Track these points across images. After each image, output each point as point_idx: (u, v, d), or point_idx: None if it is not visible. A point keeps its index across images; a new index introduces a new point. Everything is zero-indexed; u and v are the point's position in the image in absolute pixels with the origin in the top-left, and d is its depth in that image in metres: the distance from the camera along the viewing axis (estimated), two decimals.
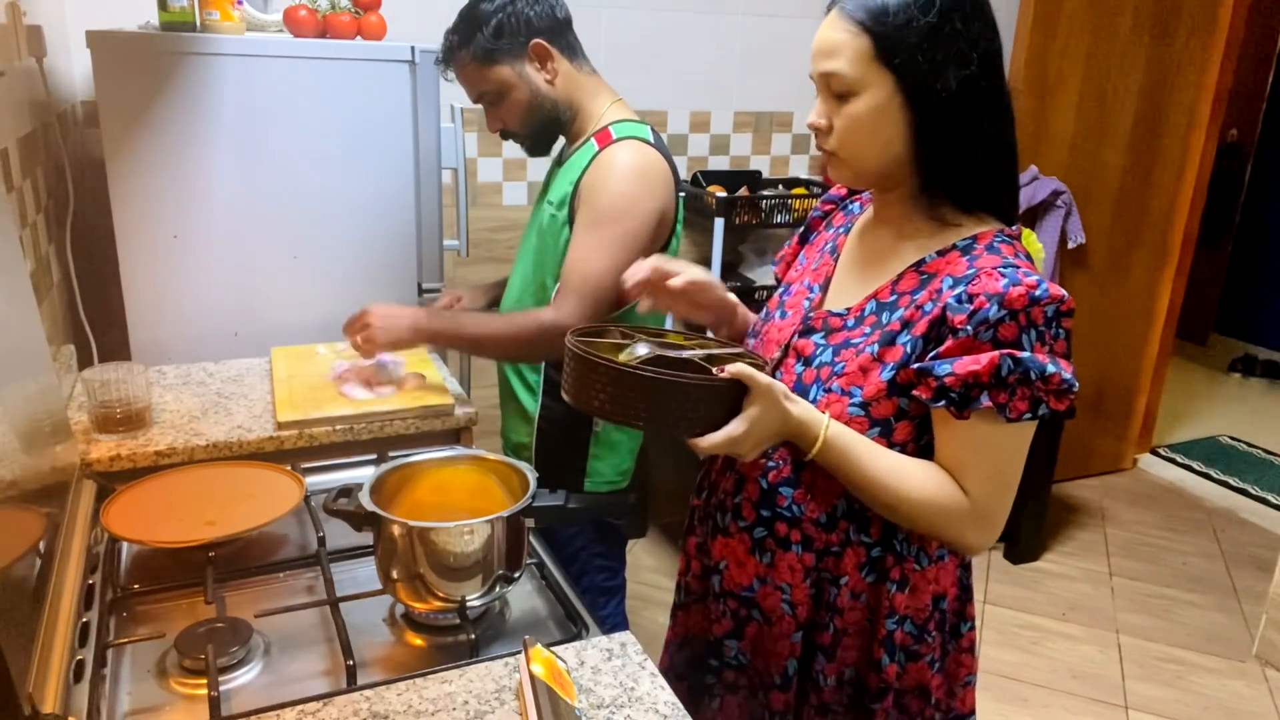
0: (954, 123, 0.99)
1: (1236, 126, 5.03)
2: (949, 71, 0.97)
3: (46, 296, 1.73)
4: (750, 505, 1.13)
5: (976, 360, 0.95)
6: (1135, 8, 3.20)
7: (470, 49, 1.56)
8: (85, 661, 0.99)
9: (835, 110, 1.02)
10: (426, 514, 1.08)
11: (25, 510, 1.02)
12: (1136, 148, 3.40)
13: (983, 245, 1.03)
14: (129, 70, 1.72)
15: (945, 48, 0.97)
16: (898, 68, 0.97)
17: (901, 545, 1.08)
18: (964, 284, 0.98)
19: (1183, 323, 3.84)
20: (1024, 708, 2.44)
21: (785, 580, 1.12)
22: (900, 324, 1.03)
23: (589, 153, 1.57)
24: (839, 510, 1.08)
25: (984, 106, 1.00)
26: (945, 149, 1.01)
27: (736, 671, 1.19)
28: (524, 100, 1.59)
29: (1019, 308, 0.95)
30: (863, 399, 1.03)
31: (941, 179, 1.03)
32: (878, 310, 1.07)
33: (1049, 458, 3.05)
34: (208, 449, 1.47)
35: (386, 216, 1.98)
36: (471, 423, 1.63)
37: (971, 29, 0.98)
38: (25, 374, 1.14)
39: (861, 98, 0.99)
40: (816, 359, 1.08)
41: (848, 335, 1.07)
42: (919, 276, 1.05)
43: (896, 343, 1.03)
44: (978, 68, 0.98)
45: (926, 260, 1.05)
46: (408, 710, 0.93)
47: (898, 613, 1.09)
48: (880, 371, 1.03)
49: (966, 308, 0.97)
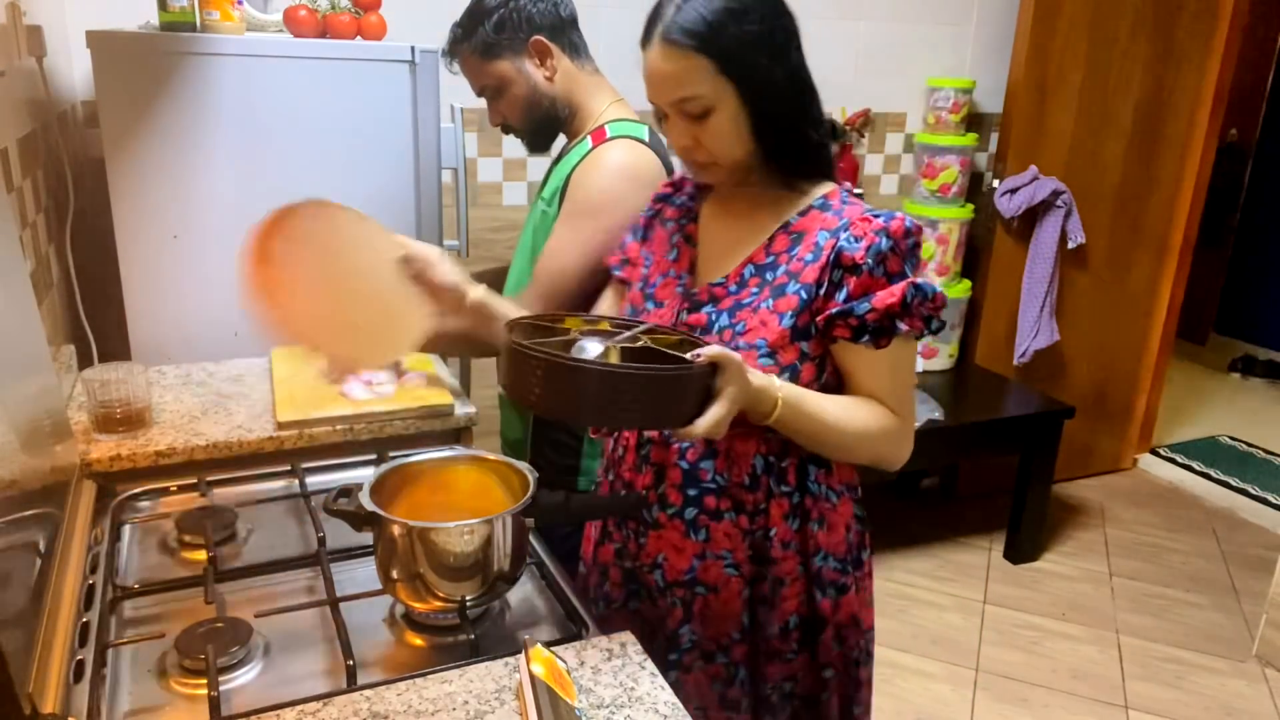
0: (790, 111, 1.12)
1: (1236, 126, 5.03)
2: (776, 69, 1.09)
3: (46, 296, 1.73)
4: (675, 489, 1.20)
5: (891, 293, 1.08)
6: (1135, 8, 3.20)
7: (472, 42, 1.58)
8: (85, 661, 0.99)
9: (698, 129, 1.11)
10: (426, 514, 1.08)
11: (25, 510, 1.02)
12: (1136, 148, 3.40)
13: (836, 200, 1.16)
14: (129, 70, 1.72)
15: (768, 46, 1.08)
16: (738, 77, 1.07)
17: (814, 485, 1.19)
18: (843, 230, 1.11)
19: (1183, 323, 3.85)
20: (1024, 708, 2.44)
21: (724, 548, 1.19)
22: (787, 276, 1.13)
23: (583, 150, 1.58)
24: (758, 468, 1.17)
25: (808, 89, 1.13)
26: (785, 135, 1.13)
27: (690, 652, 1.24)
28: (522, 95, 1.60)
29: (900, 238, 1.10)
30: (768, 347, 1.12)
31: (782, 158, 1.15)
32: (758, 272, 1.16)
33: (1049, 458, 3.05)
34: (208, 449, 1.47)
35: (386, 216, 1.95)
36: (471, 423, 1.63)
37: (782, 22, 1.09)
38: (25, 374, 1.14)
39: (720, 111, 1.09)
40: (715, 326, 1.16)
41: (735, 299, 1.16)
42: (789, 236, 1.16)
43: (787, 293, 1.12)
44: (795, 54, 1.11)
45: (792, 222, 1.17)
46: (408, 710, 0.93)
47: (823, 549, 1.21)
48: (779, 320, 1.12)
49: (859, 245, 1.09)
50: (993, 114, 3.35)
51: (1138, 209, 3.49)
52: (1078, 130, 3.28)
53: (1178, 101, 3.42)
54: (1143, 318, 3.66)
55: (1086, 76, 3.22)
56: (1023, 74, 3.13)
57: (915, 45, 3.20)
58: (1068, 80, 3.20)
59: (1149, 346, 3.72)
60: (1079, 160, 3.31)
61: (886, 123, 3.26)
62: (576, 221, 1.52)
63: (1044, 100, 3.19)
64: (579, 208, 1.53)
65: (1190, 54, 3.37)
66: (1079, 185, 3.28)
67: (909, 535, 3.28)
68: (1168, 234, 3.59)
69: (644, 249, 1.32)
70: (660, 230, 1.30)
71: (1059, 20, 3.11)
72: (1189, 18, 3.31)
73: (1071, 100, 3.23)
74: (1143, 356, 3.73)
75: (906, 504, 3.51)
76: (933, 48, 3.23)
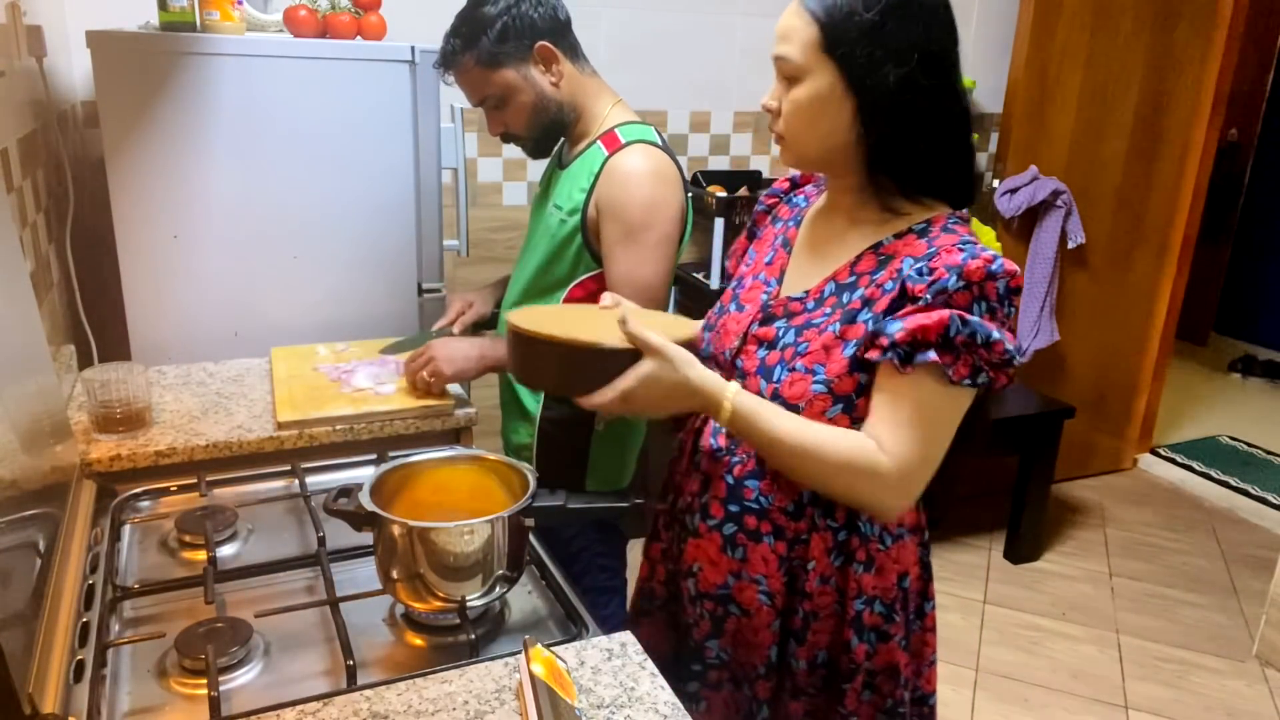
0: (894, 117, 1.03)
1: (1236, 126, 5.03)
2: (887, 68, 1.01)
3: (46, 296, 1.73)
4: (719, 503, 1.16)
5: (927, 316, 0.99)
6: (1135, 7, 3.20)
7: (474, 53, 1.53)
8: (85, 661, 0.99)
9: (784, 94, 1.07)
10: (426, 514, 1.08)
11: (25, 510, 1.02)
12: (1136, 147, 3.40)
13: (938, 227, 1.07)
14: (129, 70, 1.72)
15: (884, 45, 1.01)
16: (840, 58, 1.02)
17: (866, 526, 1.12)
18: (925, 260, 1.02)
19: (1183, 322, 3.84)
20: (1024, 708, 2.44)
21: (760, 572, 1.14)
22: (861, 302, 1.06)
23: (597, 157, 1.57)
24: (805, 497, 1.11)
25: (924, 104, 1.03)
26: (887, 141, 1.04)
27: (719, 670, 1.21)
28: (529, 103, 1.57)
29: (976, 280, 0.99)
30: (826, 376, 1.06)
31: (886, 169, 1.07)
32: (837, 291, 1.10)
33: (1049, 458, 3.04)
34: (208, 449, 1.47)
35: (386, 216, 1.98)
36: (471, 423, 1.63)
37: (912, 30, 1.01)
38: (25, 374, 1.14)
39: (805, 84, 1.04)
40: (780, 341, 1.11)
41: (809, 316, 1.11)
42: (877, 258, 1.08)
43: (857, 320, 1.06)
44: (918, 67, 1.01)
45: (884, 243, 1.09)
46: (408, 710, 0.93)
47: (865, 594, 1.12)
48: (843, 349, 1.05)
49: (926, 279, 1.00)
50: (993, 114, 3.35)
51: (1138, 209, 3.49)
52: (1078, 130, 3.28)
53: (1178, 101, 3.41)
54: (1143, 318, 3.66)
55: (1086, 76, 3.22)
56: (1023, 74, 3.13)
57: None
58: (1068, 80, 3.20)
59: (1149, 346, 3.72)
60: (1079, 160, 3.31)
61: None
62: (636, 238, 1.53)
63: (1044, 100, 3.19)
64: (632, 226, 1.53)
65: (1190, 54, 3.37)
66: (1079, 185, 3.27)
67: None
68: (1168, 234, 3.59)
69: (752, 246, 1.28)
70: (770, 230, 1.27)
71: (1059, 20, 3.11)
72: (1189, 18, 3.31)
73: (1071, 100, 3.23)
74: (1143, 356, 3.73)
75: None
76: None
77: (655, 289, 1.55)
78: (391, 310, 2.02)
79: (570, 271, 1.61)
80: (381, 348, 1.76)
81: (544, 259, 1.64)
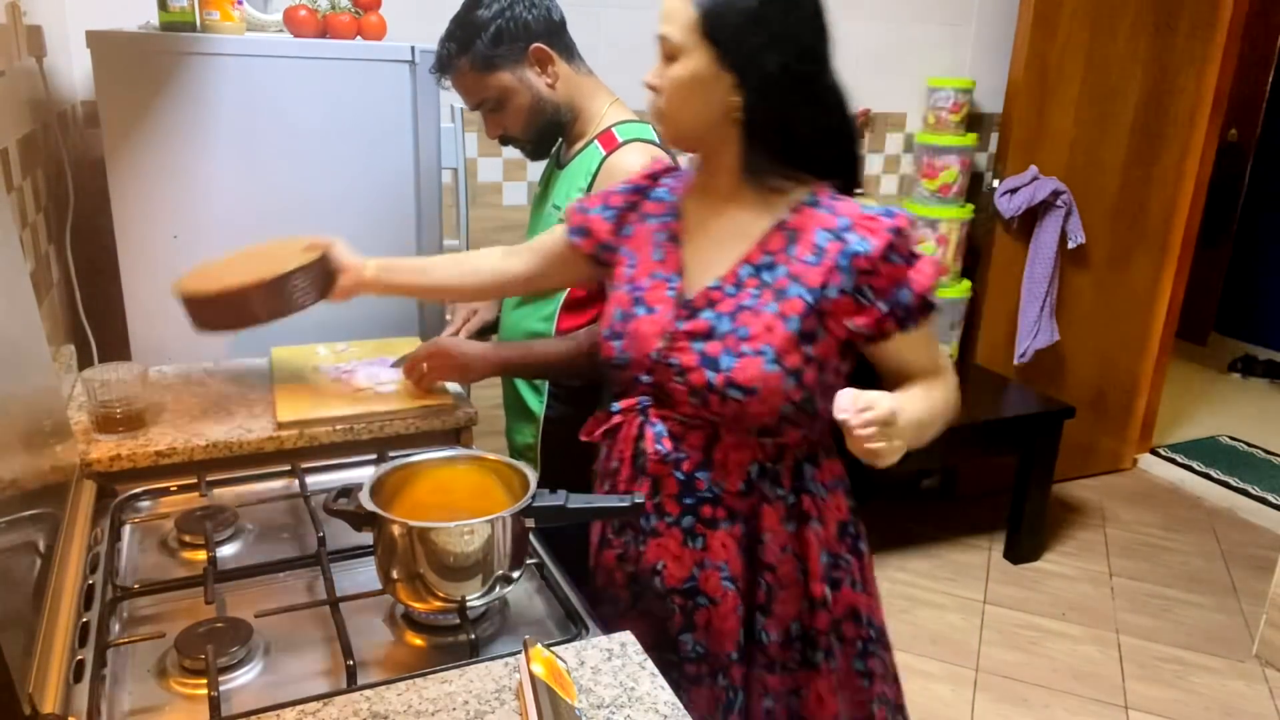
0: (774, 99, 1.09)
1: (1236, 126, 5.03)
2: (768, 55, 1.07)
3: (46, 296, 1.73)
4: (672, 500, 1.20)
5: (923, 274, 1.10)
6: (1135, 8, 3.20)
7: (469, 57, 1.53)
8: (85, 661, 0.99)
9: (663, 71, 1.13)
10: (426, 514, 1.07)
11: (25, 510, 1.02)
12: (1136, 148, 3.40)
13: (827, 198, 1.15)
14: (129, 70, 1.72)
15: (764, 33, 1.06)
16: (718, 43, 1.07)
17: (811, 485, 1.20)
18: (847, 230, 1.11)
19: (1183, 323, 3.84)
20: (1024, 708, 2.44)
21: (721, 559, 1.19)
22: (788, 279, 1.12)
23: (594, 156, 1.57)
24: (753, 473, 1.17)
25: (804, 91, 1.10)
26: (768, 122, 1.10)
27: (696, 662, 1.23)
28: (526, 105, 1.57)
29: (908, 232, 1.11)
30: (774, 354, 1.11)
31: (765, 147, 1.12)
32: (755, 272, 1.15)
33: (1049, 458, 3.04)
34: (207, 449, 1.47)
35: (386, 216, 1.97)
36: (471, 423, 1.63)
37: (789, 21, 1.07)
38: (25, 374, 1.14)
39: (682, 63, 1.10)
40: (717, 330, 1.14)
41: (736, 300, 1.14)
42: (784, 234, 1.15)
43: (789, 295, 1.12)
44: (794, 57, 1.08)
45: (787, 219, 1.15)
46: (408, 710, 0.93)
47: (824, 548, 1.21)
48: (784, 325, 1.11)
49: (873, 245, 1.09)
50: (993, 114, 3.35)
51: (1138, 209, 3.49)
52: (1078, 130, 3.28)
53: (1178, 101, 3.41)
54: (1143, 318, 3.66)
55: (1086, 76, 3.22)
56: (1023, 74, 3.13)
57: (915, 45, 3.20)
58: (1068, 80, 3.20)
59: (1149, 346, 3.72)
60: (1079, 160, 3.31)
61: (886, 123, 3.26)
62: None
63: (1044, 100, 3.19)
64: None
65: (1190, 54, 3.37)
66: (1079, 185, 3.28)
67: (909, 535, 3.28)
68: (1168, 234, 3.59)
69: (626, 245, 1.28)
70: (641, 227, 1.27)
71: (1059, 20, 3.11)
72: (1189, 18, 3.31)
73: (1071, 100, 3.23)
74: (1143, 356, 3.73)
75: (906, 504, 3.51)
76: (933, 48, 3.23)
77: None
78: (391, 310, 2.01)
79: None
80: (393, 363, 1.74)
81: None
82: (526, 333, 1.67)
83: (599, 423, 1.29)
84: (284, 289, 1.44)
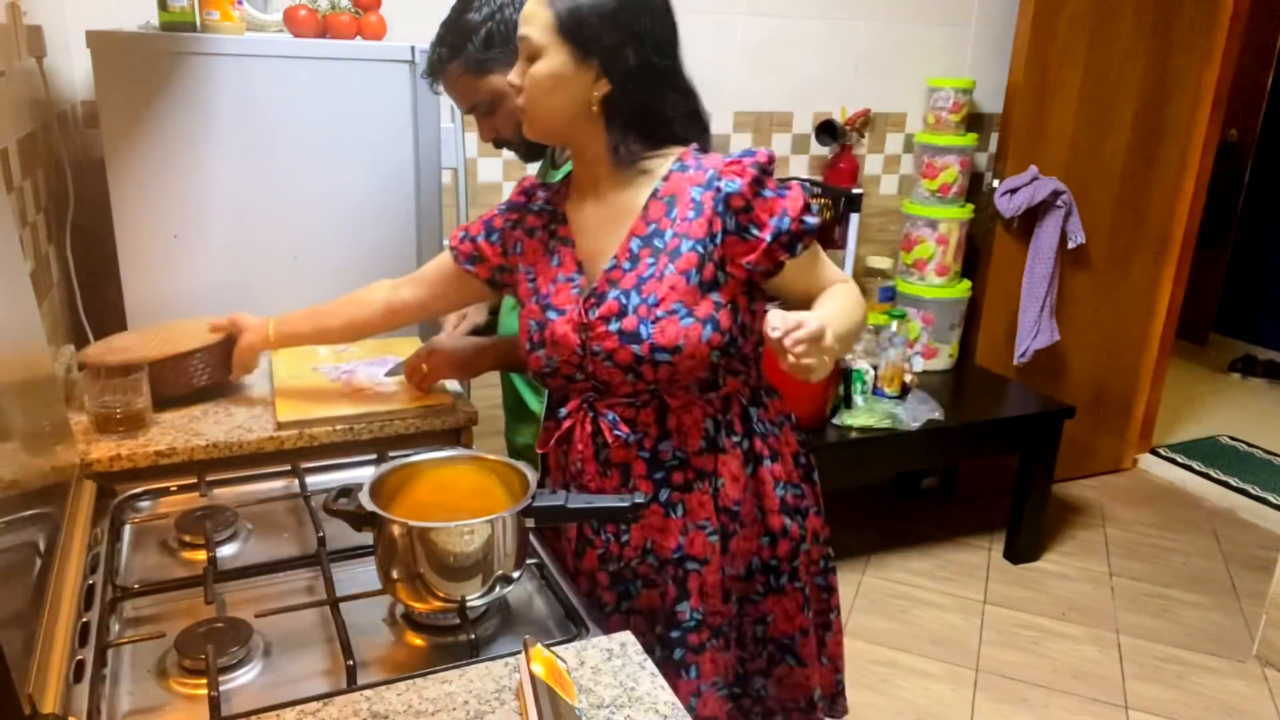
0: (635, 93, 1.17)
1: (1236, 126, 5.03)
2: (626, 51, 1.14)
3: (46, 296, 1.73)
4: (645, 480, 1.24)
5: (794, 200, 1.17)
6: (1135, 8, 3.20)
7: (461, 61, 1.52)
8: (85, 661, 0.99)
9: (527, 70, 1.18)
10: (426, 514, 1.07)
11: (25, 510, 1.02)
12: (1136, 148, 3.40)
13: (691, 159, 1.22)
14: (129, 70, 1.72)
15: (621, 29, 1.14)
16: (576, 42, 1.14)
17: (761, 425, 1.28)
18: (715, 179, 1.17)
19: (1183, 323, 3.84)
20: (1024, 708, 2.44)
21: (702, 517, 1.25)
22: (677, 239, 1.18)
23: None
24: (709, 429, 1.23)
25: (662, 82, 1.19)
26: (630, 113, 1.18)
27: (697, 630, 1.25)
28: None
29: (768, 164, 1.18)
30: (685, 309, 1.16)
31: (630, 135, 1.19)
32: (645, 243, 1.20)
33: (1049, 458, 3.04)
34: (208, 449, 1.47)
35: (386, 216, 1.98)
36: (471, 423, 1.63)
37: (643, 17, 1.15)
38: (25, 374, 1.14)
39: (542, 61, 1.16)
40: (629, 306, 1.18)
41: (635, 274, 1.19)
42: (661, 202, 1.20)
43: (683, 252, 1.17)
44: (655, 51, 1.16)
45: (659, 188, 1.21)
46: (408, 710, 0.93)
47: (780, 480, 1.28)
48: (685, 280, 1.17)
49: (740, 183, 1.16)
50: (993, 114, 3.35)
51: (1138, 209, 3.49)
52: (1078, 130, 3.28)
53: (1178, 101, 3.41)
54: (1143, 318, 3.66)
55: (1086, 76, 3.22)
56: (1023, 74, 3.13)
57: (915, 45, 3.20)
58: (1068, 80, 3.20)
59: (1149, 346, 3.72)
60: (1079, 160, 3.31)
61: (886, 123, 3.26)
62: None
63: (1044, 100, 3.19)
64: None
65: (1190, 54, 3.37)
66: (1079, 185, 3.27)
67: (909, 535, 3.28)
68: (1168, 234, 3.59)
69: (520, 263, 1.32)
70: (530, 241, 1.32)
71: (1059, 20, 3.11)
72: (1189, 18, 3.31)
73: (1071, 100, 3.23)
74: (1143, 356, 3.73)
75: (906, 504, 3.51)
76: (933, 48, 3.23)
77: None
78: None
79: None
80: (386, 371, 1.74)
81: None
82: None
83: (550, 433, 1.31)
84: (184, 366, 1.55)
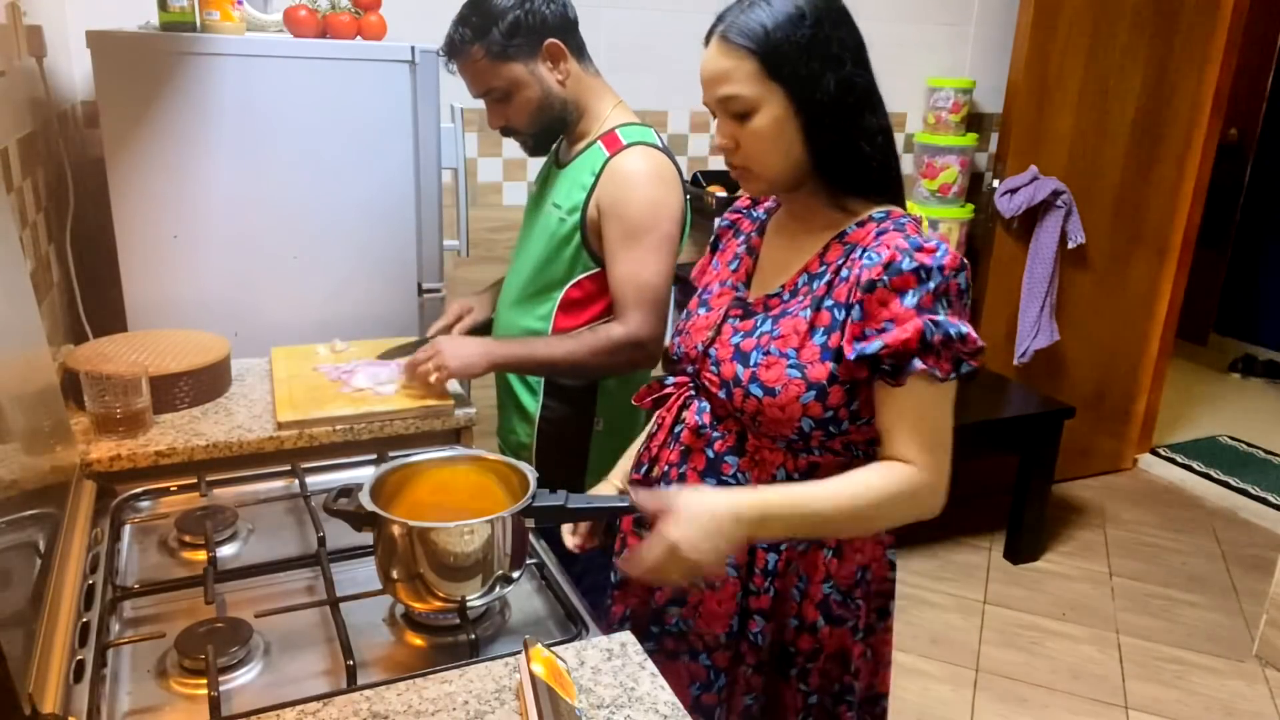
0: (839, 120, 1.08)
1: (1236, 126, 5.03)
2: (828, 76, 1.06)
3: (46, 296, 1.73)
4: (696, 474, 1.20)
5: (904, 329, 1.02)
6: (1135, 8, 3.20)
7: (483, 44, 1.51)
8: (85, 661, 0.99)
9: (738, 130, 1.10)
10: (426, 514, 1.07)
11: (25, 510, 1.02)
12: (1136, 148, 3.40)
13: (891, 221, 1.11)
14: (129, 70, 1.72)
15: (821, 55, 1.06)
16: (786, 80, 1.06)
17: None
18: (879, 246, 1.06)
19: (1183, 323, 3.84)
20: (1024, 708, 2.44)
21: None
22: (825, 288, 1.11)
23: (597, 157, 1.57)
24: (779, 478, 1.15)
25: (862, 101, 1.10)
26: (835, 145, 1.09)
27: (676, 638, 1.24)
28: (534, 99, 1.57)
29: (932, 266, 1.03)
30: (799, 360, 1.09)
31: (835, 172, 1.12)
32: (809, 281, 1.14)
33: (1049, 458, 3.04)
34: (208, 449, 1.47)
35: (386, 216, 1.98)
36: (471, 423, 1.63)
37: (840, 33, 1.08)
38: (25, 374, 1.14)
39: (761, 114, 1.08)
40: (758, 330, 1.15)
41: (785, 307, 1.15)
42: (843, 246, 1.13)
43: (823, 308, 1.10)
44: (851, 67, 1.08)
45: (848, 231, 1.13)
46: (408, 710, 0.93)
47: (832, 577, 1.18)
48: (812, 335, 1.10)
49: (878, 260, 1.04)
50: (993, 114, 3.35)
51: (1138, 209, 3.49)
52: (1078, 130, 3.28)
53: (1178, 101, 3.41)
54: (1143, 318, 3.66)
55: (1086, 76, 3.22)
56: (1023, 74, 3.13)
57: (915, 45, 3.20)
58: (1068, 80, 3.20)
59: (1149, 346, 3.72)
60: (1079, 160, 3.31)
61: None
62: (638, 239, 1.54)
63: (1044, 100, 3.19)
64: (634, 226, 1.54)
65: (1190, 54, 3.37)
66: (1079, 185, 3.27)
67: (909, 535, 3.27)
68: (1168, 234, 3.59)
69: (715, 259, 1.33)
70: (732, 243, 1.31)
71: (1059, 20, 3.11)
72: (1189, 18, 3.31)
73: (1071, 100, 3.23)
74: (1143, 356, 3.73)
75: None
76: (933, 48, 3.23)
77: (657, 288, 1.56)
78: (391, 310, 2.02)
79: (567, 271, 1.61)
80: (381, 351, 1.76)
81: (541, 258, 1.64)
82: (522, 330, 1.67)
83: (651, 391, 1.32)
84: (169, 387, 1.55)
